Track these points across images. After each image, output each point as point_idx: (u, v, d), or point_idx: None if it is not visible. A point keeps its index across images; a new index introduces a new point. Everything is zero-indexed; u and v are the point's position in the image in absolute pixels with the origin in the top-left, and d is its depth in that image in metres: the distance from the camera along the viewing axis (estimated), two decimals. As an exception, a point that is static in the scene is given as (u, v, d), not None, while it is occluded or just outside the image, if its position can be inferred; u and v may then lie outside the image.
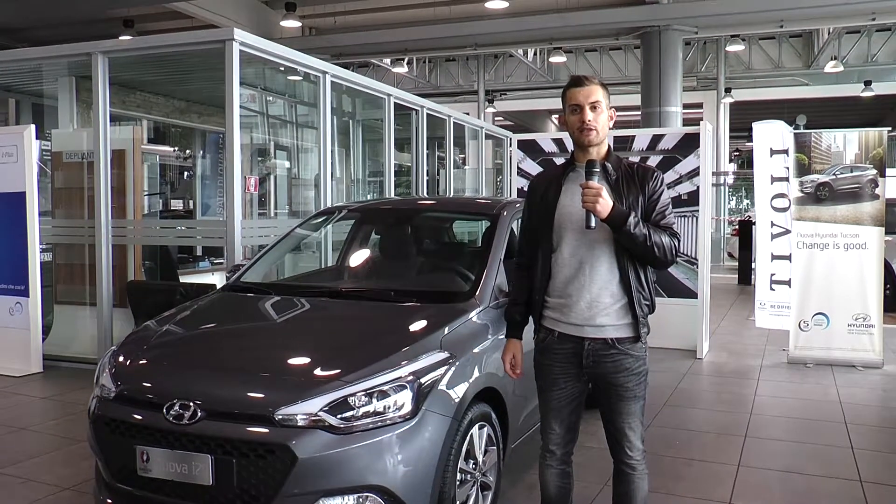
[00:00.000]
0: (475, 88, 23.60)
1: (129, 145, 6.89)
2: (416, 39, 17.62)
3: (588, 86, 2.83)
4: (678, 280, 7.58)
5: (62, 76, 7.58)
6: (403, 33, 17.29)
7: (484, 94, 23.61)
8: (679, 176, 7.59)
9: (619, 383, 2.83)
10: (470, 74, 23.55)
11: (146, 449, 2.97)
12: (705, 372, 6.84)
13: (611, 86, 17.29)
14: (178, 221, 9.10)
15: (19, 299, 6.41)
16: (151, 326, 3.64)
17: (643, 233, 2.71)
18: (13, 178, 6.35)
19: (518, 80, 23.28)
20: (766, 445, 4.77)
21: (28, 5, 14.41)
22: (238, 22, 16.57)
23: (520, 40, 17.75)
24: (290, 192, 10.49)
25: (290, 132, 11.07)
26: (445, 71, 23.87)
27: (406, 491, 2.91)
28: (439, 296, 3.78)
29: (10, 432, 4.96)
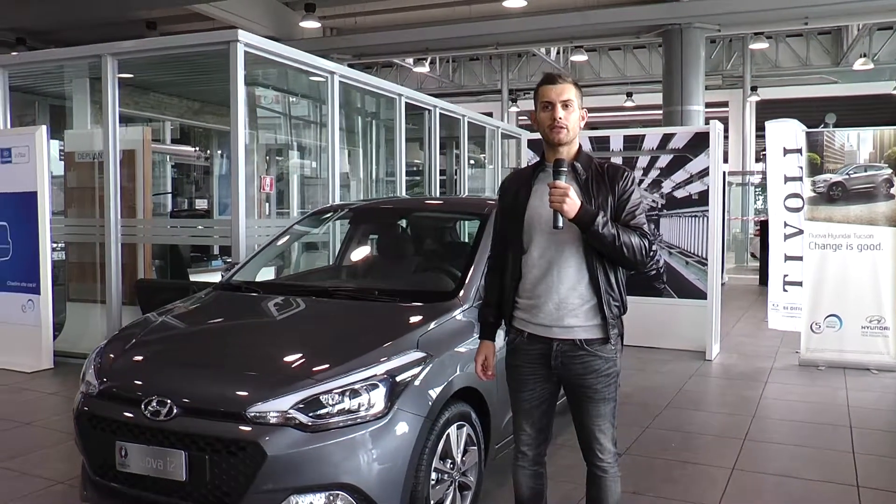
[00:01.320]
0: (498, 88, 23.56)
1: (138, 145, 6.99)
2: (436, 39, 17.63)
3: (561, 84, 2.80)
4: (688, 280, 7.50)
5: (77, 78, 7.71)
6: (423, 33, 17.32)
7: (507, 93, 23.56)
8: (689, 175, 7.50)
9: (587, 385, 2.80)
10: (493, 74, 23.51)
11: (125, 444, 3.02)
12: (713, 374, 6.75)
13: (635, 84, 17.29)
14: (184, 221, 9.18)
15: (31, 297, 6.54)
16: (138, 324, 3.69)
17: (612, 233, 2.67)
18: (25, 178, 6.47)
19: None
20: (764, 449, 4.70)
21: (55, 8, 14.72)
22: (259, 23, 16.76)
23: (540, 39, 17.65)
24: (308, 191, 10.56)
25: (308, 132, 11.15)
26: (469, 70, 23.85)
27: (376, 489, 2.92)
28: (423, 295, 3.79)
29: (15, 427, 5.06)
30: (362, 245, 5.00)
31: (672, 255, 7.58)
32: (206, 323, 3.80)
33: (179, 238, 7.28)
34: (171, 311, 3.82)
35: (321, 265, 5.80)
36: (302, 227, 4.98)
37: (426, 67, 20.96)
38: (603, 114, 27.41)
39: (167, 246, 7.47)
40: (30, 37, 16.38)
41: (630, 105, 23.28)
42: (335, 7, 17.08)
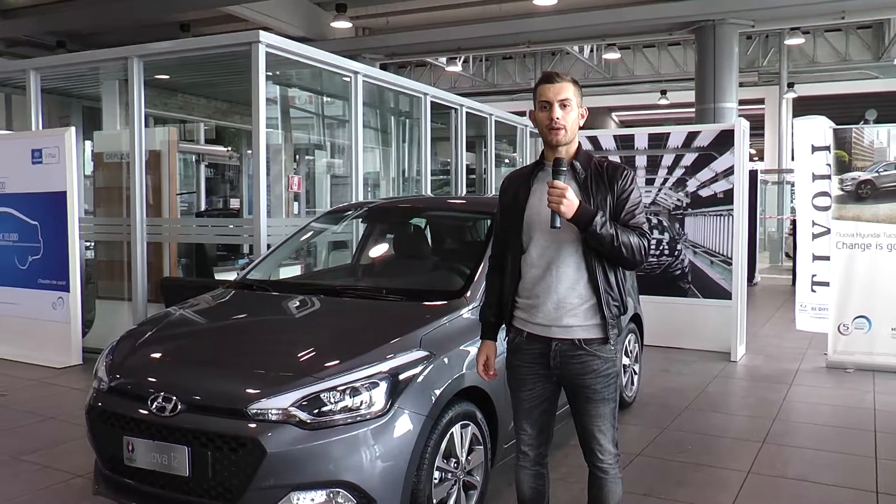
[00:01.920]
0: (532, 86, 23.42)
1: (164, 146, 7.12)
2: (468, 38, 17.62)
3: (559, 83, 2.80)
4: (713, 280, 7.40)
5: (107, 80, 7.88)
6: (454, 32, 17.32)
7: (540, 91, 23.42)
8: (715, 174, 7.39)
9: (586, 385, 2.78)
10: (527, 72, 23.40)
11: (132, 440, 3.09)
12: (737, 375, 6.65)
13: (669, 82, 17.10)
14: (208, 220, 9.31)
15: (61, 294, 6.70)
16: (149, 321, 3.76)
17: (610, 233, 2.65)
18: (56, 178, 6.63)
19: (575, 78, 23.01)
20: (782, 452, 4.61)
21: (93, 12, 15.07)
22: (291, 24, 16.91)
23: (572, 37, 17.54)
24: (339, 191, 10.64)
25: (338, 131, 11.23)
26: (503, 69, 23.78)
27: (376, 487, 2.94)
28: (430, 294, 3.79)
29: (40, 421, 5.20)
30: (376, 244, 5.02)
31: (697, 255, 7.48)
32: (214, 321, 3.86)
33: (204, 237, 7.39)
34: (182, 309, 3.89)
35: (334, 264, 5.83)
36: (316, 227, 5.01)
37: (458, 67, 20.97)
38: (637, 112, 27.21)
39: (193, 245, 7.58)
40: (69, 40, 16.76)
41: (664, 103, 23.02)
42: (366, 7, 17.17)
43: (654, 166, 7.67)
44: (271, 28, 17.00)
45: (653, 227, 7.69)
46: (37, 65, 7.42)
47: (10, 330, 6.97)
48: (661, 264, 7.63)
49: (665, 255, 7.62)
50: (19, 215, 6.88)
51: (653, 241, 7.43)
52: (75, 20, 15.31)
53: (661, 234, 7.64)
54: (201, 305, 3.94)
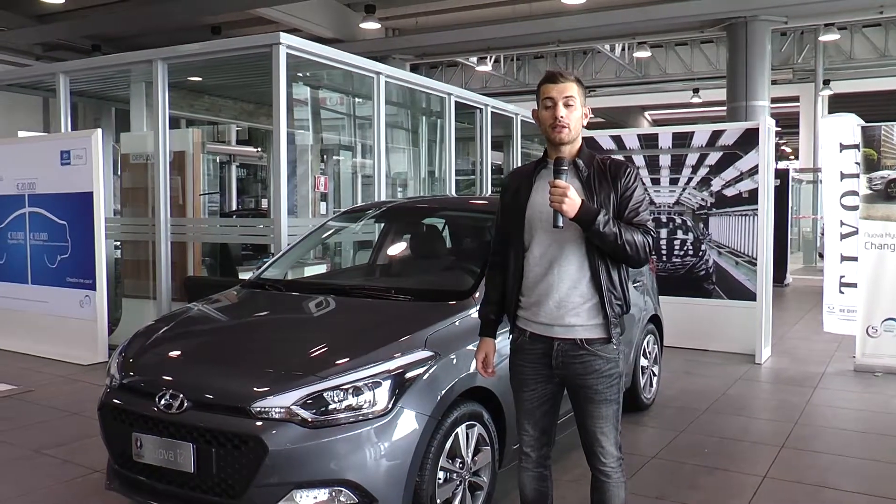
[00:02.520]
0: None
1: (188, 147, 7.22)
2: (497, 38, 17.62)
3: (563, 82, 2.78)
4: (738, 281, 7.28)
5: (135, 82, 8.02)
6: (483, 32, 17.31)
7: (572, 91, 23.27)
8: (740, 173, 7.28)
9: (588, 385, 2.76)
10: (558, 72, 23.25)
11: (140, 436, 3.14)
12: (760, 378, 6.54)
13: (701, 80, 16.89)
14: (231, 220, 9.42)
15: (88, 292, 6.83)
16: (161, 320, 3.82)
17: (613, 231, 2.63)
18: (83, 179, 6.76)
19: (607, 77, 22.86)
20: (802, 457, 4.53)
21: (127, 16, 15.37)
22: (320, 25, 17.06)
23: (602, 35, 17.43)
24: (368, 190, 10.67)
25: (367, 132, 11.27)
26: (534, 68, 23.66)
27: (377, 486, 2.95)
28: (438, 294, 3.79)
29: (65, 416, 5.31)
30: (391, 244, 5.04)
31: (721, 255, 7.38)
32: (224, 319, 3.90)
33: (227, 237, 7.49)
34: (194, 308, 3.94)
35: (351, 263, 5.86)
36: (331, 227, 5.05)
37: (488, 66, 20.94)
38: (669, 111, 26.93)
39: (217, 244, 7.68)
40: (104, 43, 17.11)
41: (697, 101, 22.73)
42: (395, 8, 17.23)
43: (679, 165, 7.57)
44: (301, 30, 17.19)
45: (676, 227, 7.60)
46: (66, 68, 7.58)
47: (40, 327, 7.13)
48: (686, 265, 7.54)
49: (689, 255, 7.52)
50: (48, 215, 7.03)
51: (676, 242, 7.44)
52: (109, 24, 15.64)
53: (685, 235, 7.55)
54: (213, 304, 3.99)
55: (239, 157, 18.39)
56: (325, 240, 5.87)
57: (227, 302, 4.02)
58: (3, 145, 7.68)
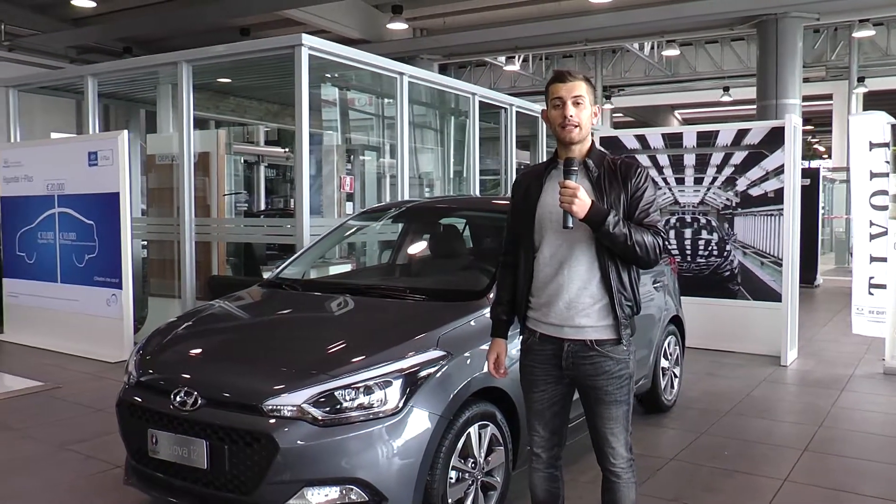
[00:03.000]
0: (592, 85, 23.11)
1: (213, 148, 7.31)
2: (525, 37, 17.58)
3: (571, 81, 2.76)
4: (764, 282, 7.18)
5: (162, 84, 8.13)
6: (511, 31, 17.28)
7: (601, 90, 23.14)
8: (765, 172, 7.17)
9: (598, 386, 2.74)
10: (587, 70, 23.12)
11: (155, 432, 3.19)
12: (785, 380, 6.43)
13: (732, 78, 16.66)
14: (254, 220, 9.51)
15: (115, 291, 6.94)
16: (179, 318, 3.87)
17: (623, 232, 2.61)
18: (109, 179, 6.87)
19: (636, 75, 22.70)
20: (824, 461, 4.45)
21: (159, 19, 15.60)
22: (348, 26, 17.15)
23: (630, 34, 17.32)
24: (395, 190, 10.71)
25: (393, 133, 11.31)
26: (563, 67, 23.55)
27: (388, 485, 2.96)
28: (452, 294, 3.79)
29: (90, 412, 5.40)
30: (409, 244, 5.05)
31: (746, 256, 7.28)
32: (240, 318, 3.95)
33: (250, 237, 7.57)
34: (212, 307, 3.99)
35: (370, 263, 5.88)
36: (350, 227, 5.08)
37: (516, 66, 20.89)
38: (699, 109, 26.61)
39: (242, 244, 7.77)
40: (136, 46, 17.38)
41: (727, 100, 22.44)
42: (423, 8, 17.26)
43: (703, 165, 7.48)
44: (329, 31, 17.31)
45: (701, 227, 7.51)
46: (93, 70, 7.72)
47: (70, 325, 7.27)
48: (710, 265, 7.45)
49: (714, 255, 7.43)
50: (77, 215, 7.16)
51: (701, 242, 7.35)
52: (139, 27, 15.88)
53: (709, 235, 7.46)
54: (230, 303, 4.04)
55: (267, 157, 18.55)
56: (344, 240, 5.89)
57: (244, 301, 4.07)
58: (34, 147, 7.85)
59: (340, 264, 6.87)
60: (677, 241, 7.62)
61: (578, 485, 3.93)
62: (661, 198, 7.73)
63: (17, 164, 7.72)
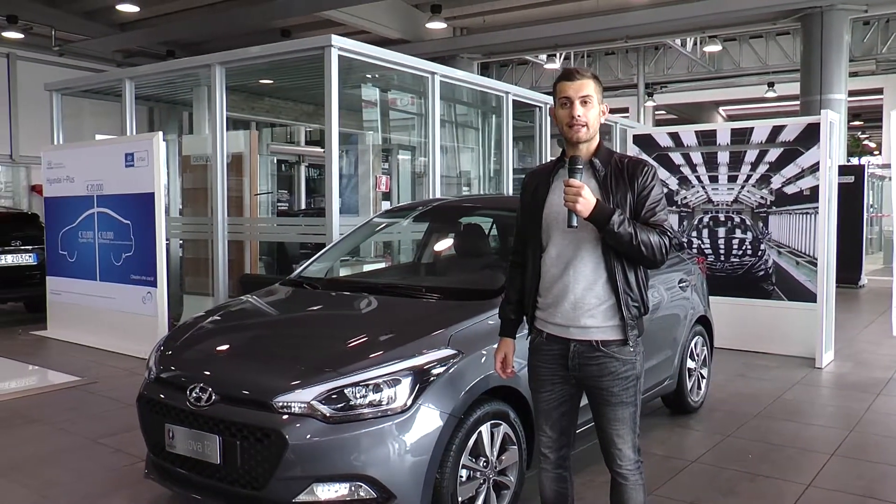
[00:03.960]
0: (635, 82, 22.93)
1: (246, 149, 7.43)
2: (564, 35, 17.49)
3: (579, 79, 2.74)
4: (800, 283, 7.02)
5: (198, 87, 8.30)
6: (551, 29, 17.20)
7: (644, 87, 22.88)
8: (801, 170, 7.02)
9: (604, 387, 2.73)
10: (629, 68, 22.91)
11: (172, 427, 3.27)
12: (819, 383, 6.29)
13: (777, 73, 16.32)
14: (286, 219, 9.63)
15: (150, 289, 7.11)
16: (200, 316, 3.96)
17: (629, 231, 2.59)
18: (145, 180, 7.04)
19: (679, 72, 22.37)
20: (852, 466, 4.34)
21: (202, 22, 15.90)
22: (388, 26, 17.26)
23: (670, 30, 17.07)
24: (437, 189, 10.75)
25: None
26: (605, 65, 23.34)
27: (396, 483, 2.98)
28: (468, 293, 3.79)
29: (122, 407, 5.54)
30: (433, 243, 5.08)
31: (781, 255, 7.13)
32: (258, 316, 4.01)
33: (282, 236, 7.68)
34: (233, 305, 4.07)
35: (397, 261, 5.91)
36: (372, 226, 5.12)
37: (556, 64, 20.77)
38: (743, 106, 26.10)
39: (274, 243, 7.88)
40: (179, 49, 17.73)
41: (772, 96, 21.97)
42: (463, 7, 17.26)
43: (737, 162, 7.35)
44: (369, 31, 17.43)
45: (735, 225, 7.38)
46: (131, 74, 7.91)
47: (107, 322, 7.46)
48: (744, 265, 7.31)
49: (748, 255, 7.30)
50: (114, 215, 7.35)
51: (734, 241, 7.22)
52: (182, 31, 16.21)
53: (743, 234, 7.33)
54: (251, 301, 4.11)
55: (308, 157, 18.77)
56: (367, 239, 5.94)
57: (263, 299, 4.14)
58: (75, 149, 8.07)
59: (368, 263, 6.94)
60: (710, 240, 7.50)
61: (595, 485, 3.91)
62: (695, 196, 7.62)
63: (59, 165, 7.96)
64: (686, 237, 7.62)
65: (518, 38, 17.88)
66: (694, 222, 7.60)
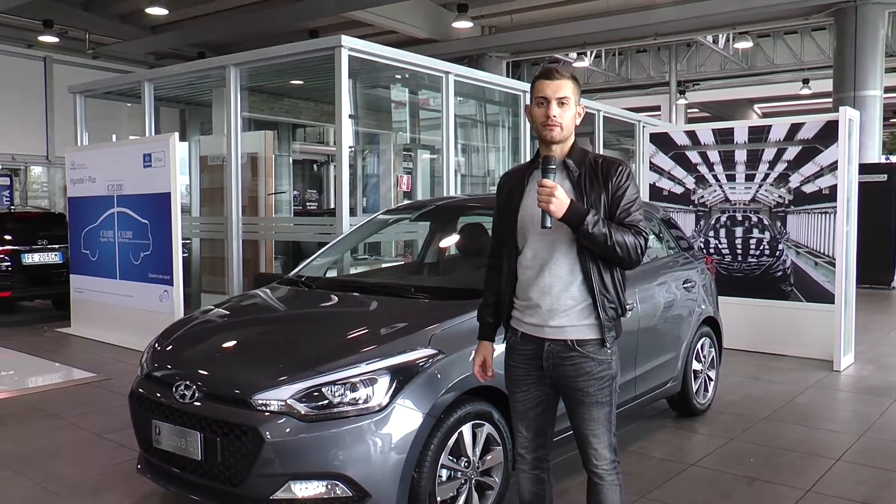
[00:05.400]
0: (667, 80, 22.65)
1: (261, 150, 7.50)
2: (592, 33, 17.37)
3: (558, 79, 2.71)
4: (818, 283, 6.86)
5: (219, 87, 8.40)
6: (579, 27, 17.09)
7: (675, 85, 22.58)
8: (820, 168, 6.86)
9: (579, 388, 2.70)
10: (661, 65, 22.63)
11: (158, 423, 3.32)
12: (835, 386, 6.13)
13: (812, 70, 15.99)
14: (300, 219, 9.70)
15: (166, 287, 7.23)
16: (194, 315, 4.02)
17: (603, 232, 2.56)
18: (162, 180, 7.15)
19: (711, 69, 22.03)
20: (857, 472, 4.23)
21: (228, 24, 16.13)
22: (416, 26, 17.31)
23: (700, 27, 16.85)
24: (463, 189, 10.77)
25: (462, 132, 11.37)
26: (636, 63, 23.10)
27: (371, 482, 2.99)
28: (455, 293, 3.78)
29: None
30: (433, 242, 5.07)
31: (799, 255, 6.98)
32: (247, 315, 4.05)
33: (296, 235, 7.74)
34: (226, 303, 4.12)
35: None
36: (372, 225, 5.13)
37: (585, 62, 20.61)
38: (778, 103, 25.59)
39: (290, 242, 7.95)
40: (209, 51, 17.98)
41: (806, 93, 21.51)
42: (490, 6, 17.22)
43: (755, 161, 7.22)
44: (397, 31, 17.51)
45: (752, 225, 7.25)
46: (149, 76, 8.06)
47: (126, 320, 7.61)
48: (762, 265, 7.17)
49: (765, 255, 7.15)
50: (133, 214, 7.48)
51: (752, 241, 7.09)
52: (212, 33, 16.45)
53: (761, 234, 7.19)
54: (244, 300, 4.18)
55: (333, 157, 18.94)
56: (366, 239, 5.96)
57: (256, 298, 4.18)
58: (97, 149, 8.24)
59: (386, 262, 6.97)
60: (728, 240, 7.37)
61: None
62: (712, 195, 7.50)
63: (82, 166, 8.14)
64: (703, 237, 7.51)
65: (546, 36, 17.81)
66: (711, 222, 7.48)
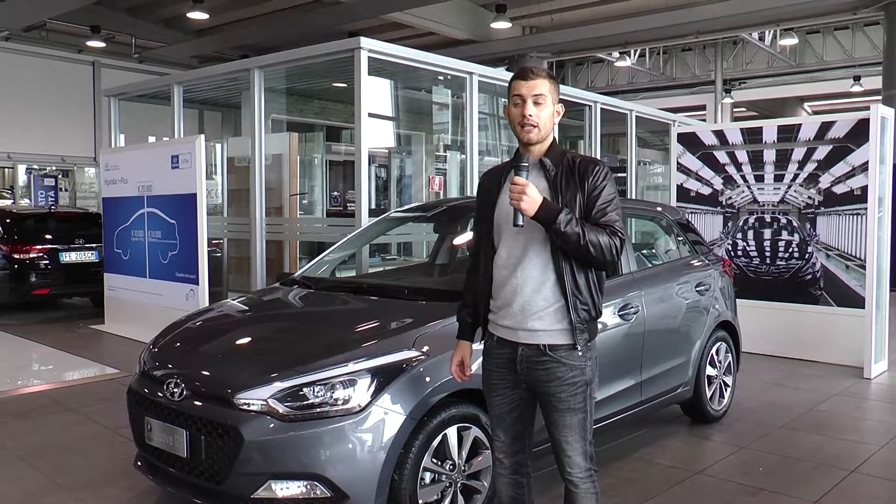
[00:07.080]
0: (712, 79, 22.19)
1: (285, 151, 7.59)
2: (633, 31, 17.12)
3: (533, 79, 2.68)
4: (849, 287, 6.64)
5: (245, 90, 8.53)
6: (619, 26, 16.87)
7: (721, 83, 22.11)
8: (851, 168, 6.63)
9: (551, 393, 2.65)
10: (707, 64, 22.18)
11: (150, 420, 3.38)
12: (864, 394, 5.92)
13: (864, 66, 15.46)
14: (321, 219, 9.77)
15: (192, 287, 7.36)
16: (193, 314, 4.07)
17: (576, 231, 2.51)
18: (189, 181, 7.29)
19: (759, 67, 21.49)
20: (871, 484, 4.07)
21: (270, 27, 16.36)
22: (455, 27, 17.28)
23: (743, 24, 16.44)
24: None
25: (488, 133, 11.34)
26: (681, 61, 22.67)
27: (349, 483, 2.99)
28: (447, 295, 3.75)
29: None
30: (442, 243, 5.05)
31: (830, 258, 6.76)
32: (242, 315, 4.09)
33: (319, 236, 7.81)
34: (226, 302, 4.17)
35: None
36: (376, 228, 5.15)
37: (627, 61, 20.33)
38: (829, 101, 24.83)
39: (315, 242, 8.03)
40: (253, 53, 18.25)
41: (858, 90, 20.82)
42: (530, 6, 17.11)
43: (784, 161, 7.01)
44: (436, 33, 17.52)
45: (781, 227, 7.05)
46: (179, 79, 8.22)
47: (155, 318, 7.69)
48: (790, 268, 6.97)
49: (794, 258, 6.95)
50: (162, 215, 7.65)
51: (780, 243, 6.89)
52: (254, 36, 16.70)
53: (790, 236, 6.98)
54: (242, 300, 4.22)
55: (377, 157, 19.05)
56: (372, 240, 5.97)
57: (254, 298, 4.24)
58: (128, 151, 8.44)
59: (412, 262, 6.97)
60: (756, 242, 7.18)
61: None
62: (740, 196, 7.31)
63: (115, 167, 8.34)
64: (731, 239, 7.33)
65: (586, 35, 17.62)
66: (739, 223, 7.29)
